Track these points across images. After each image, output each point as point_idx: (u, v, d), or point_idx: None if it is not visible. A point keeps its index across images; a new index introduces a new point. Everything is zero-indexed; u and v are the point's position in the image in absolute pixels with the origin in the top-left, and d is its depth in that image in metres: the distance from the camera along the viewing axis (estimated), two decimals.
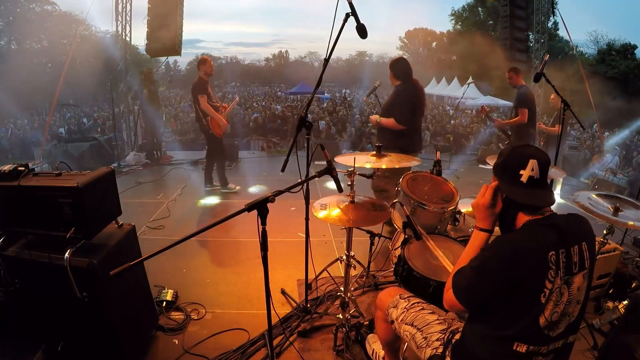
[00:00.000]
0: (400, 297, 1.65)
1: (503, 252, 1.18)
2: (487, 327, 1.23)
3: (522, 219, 1.25)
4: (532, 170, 1.23)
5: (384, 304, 1.68)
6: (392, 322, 1.62)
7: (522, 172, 1.23)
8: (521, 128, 4.41)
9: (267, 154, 8.36)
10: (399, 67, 3.36)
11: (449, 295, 1.29)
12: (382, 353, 1.93)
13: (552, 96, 5.43)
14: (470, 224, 2.72)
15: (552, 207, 1.29)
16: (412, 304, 1.59)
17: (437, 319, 1.49)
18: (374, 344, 2.06)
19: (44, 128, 9.49)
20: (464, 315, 1.42)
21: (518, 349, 1.18)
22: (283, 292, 2.73)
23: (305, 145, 2.17)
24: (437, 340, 1.42)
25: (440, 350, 1.39)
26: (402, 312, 1.58)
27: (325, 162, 1.74)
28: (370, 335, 2.14)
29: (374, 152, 2.44)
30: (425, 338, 1.45)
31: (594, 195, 2.32)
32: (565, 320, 1.21)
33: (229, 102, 5.22)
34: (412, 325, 1.52)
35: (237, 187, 5.20)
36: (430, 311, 1.54)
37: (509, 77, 4.48)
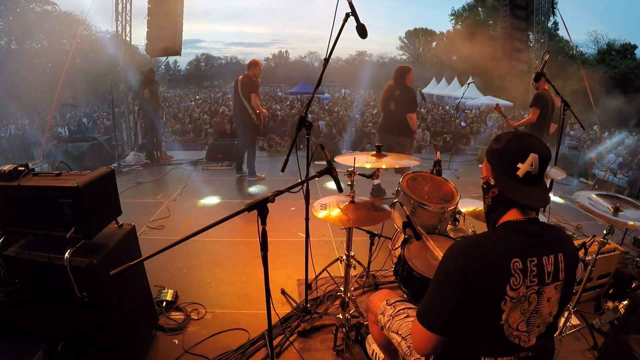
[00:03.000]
0: (387, 304, 1.61)
1: (458, 258, 1.11)
2: (455, 340, 1.16)
3: (506, 218, 1.18)
4: (532, 165, 1.11)
5: (375, 308, 1.66)
6: (382, 328, 1.60)
7: (519, 165, 1.12)
8: (535, 130, 4.43)
9: (267, 153, 8.35)
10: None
11: (415, 328, 1.18)
12: (382, 355, 1.93)
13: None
14: (470, 224, 2.72)
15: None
16: (398, 311, 1.55)
17: None
18: (374, 345, 2.05)
19: (44, 128, 9.48)
20: None
21: None
22: (283, 292, 2.73)
23: (305, 145, 2.17)
24: None
25: None
26: (389, 320, 1.55)
27: (325, 162, 1.74)
28: (370, 335, 2.14)
29: (374, 152, 2.44)
30: (409, 347, 1.41)
31: (594, 195, 2.32)
32: (535, 331, 1.15)
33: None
34: (397, 333, 1.49)
35: (264, 175, 5.71)
36: None
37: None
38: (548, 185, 3.19)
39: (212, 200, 4.87)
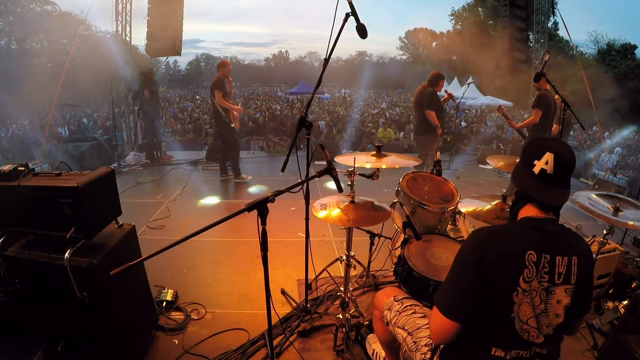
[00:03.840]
0: (394, 300, 1.64)
1: (476, 247, 1.17)
2: (466, 330, 1.19)
3: (524, 213, 1.23)
4: (546, 163, 1.17)
5: (381, 304, 1.68)
6: (388, 323, 1.62)
7: (535, 162, 1.20)
8: (537, 130, 4.42)
9: (267, 153, 8.35)
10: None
11: (434, 315, 1.22)
12: (382, 353, 1.93)
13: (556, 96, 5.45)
14: (470, 224, 2.72)
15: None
16: (405, 307, 1.58)
17: (427, 324, 1.47)
18: (374, 344, 2.05)
19: (44, 128, 9.48)
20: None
21: (496, 354, 1.16)
22: (283, 292, 2.73)
23: (305, 145, 2.17)
24: (425, 345, 1.41)
25: (428, 355, 1.37)
26: (395, 315, 1.58)
27: (325, 162, 1.74)
28: (370, 335, 2.14)
29: (374, 152, 2.44)
30: (415, 342, 1.44)
31: (594, 195, 2.32)
32: (545, 330, 1.17)
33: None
34: (403, 329, 1.51)
35: (250, 177, 5.67)
36: (422, 315, 1.53)
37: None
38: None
39: (212, 200, 4.87)
